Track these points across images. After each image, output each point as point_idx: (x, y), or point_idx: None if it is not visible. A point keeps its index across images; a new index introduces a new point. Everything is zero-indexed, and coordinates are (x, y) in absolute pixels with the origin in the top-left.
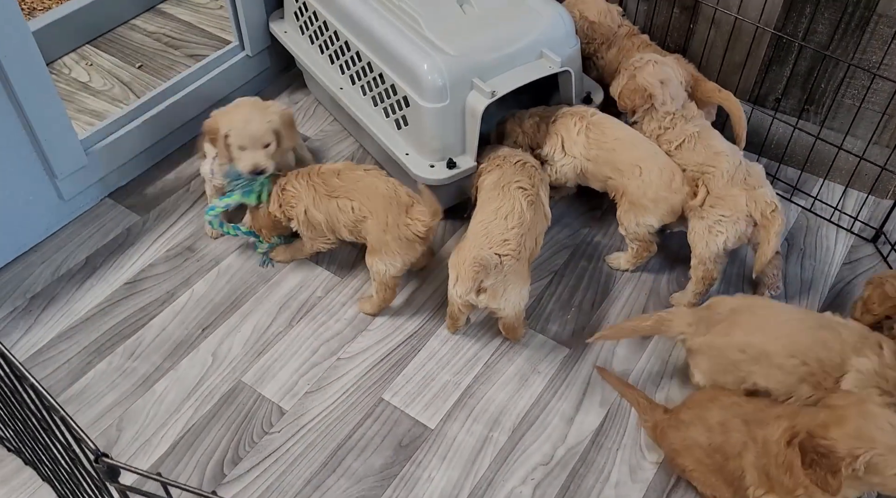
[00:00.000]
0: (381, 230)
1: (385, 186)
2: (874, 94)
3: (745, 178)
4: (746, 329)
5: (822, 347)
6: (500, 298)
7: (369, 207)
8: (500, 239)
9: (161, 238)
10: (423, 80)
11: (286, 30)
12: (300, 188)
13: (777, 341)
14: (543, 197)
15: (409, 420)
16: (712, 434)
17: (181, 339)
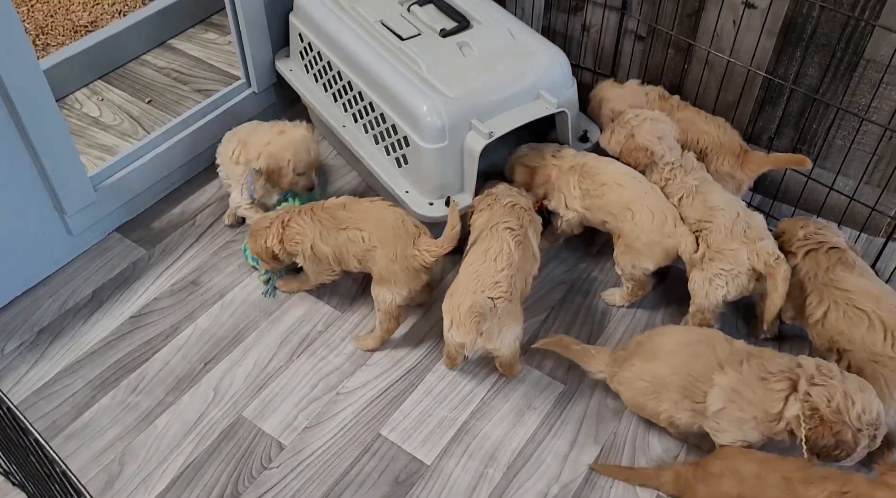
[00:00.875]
0: (389, 260)
1: (393, 217)
2: (864, 136)
3: (744, 231)
4: (644, 357)
5: (695, 360)
6: (496, 340)
7: (379, 237)
8: (491, 282)
9: (166, 272)
10: (422, 121)
11: (291, 68)
12: (304, 224)
13: (665, 363)
14: (532, 237)
15: (406, 456)
16: (745, 486)
17: (184, 373)
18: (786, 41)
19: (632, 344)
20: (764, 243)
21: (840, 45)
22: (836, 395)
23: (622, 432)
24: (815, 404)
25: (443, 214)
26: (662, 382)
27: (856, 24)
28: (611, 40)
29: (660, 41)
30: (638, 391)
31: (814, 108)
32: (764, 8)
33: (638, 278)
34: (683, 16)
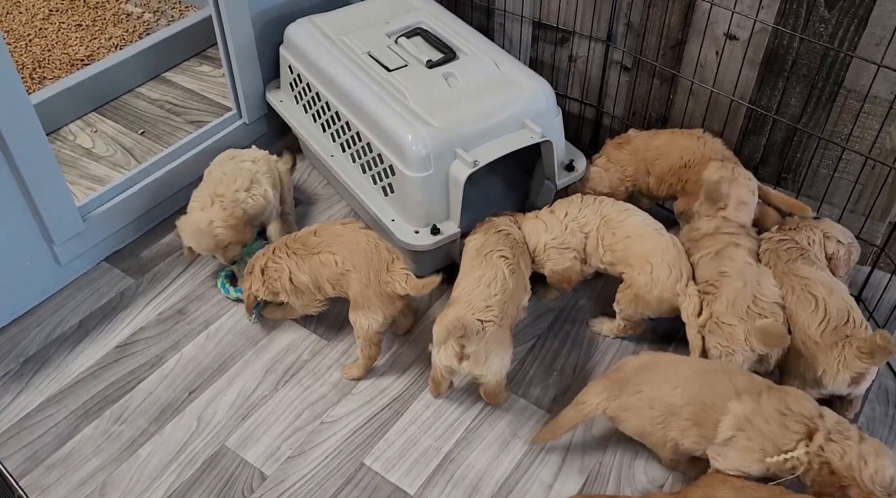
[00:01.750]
0: (363, 285)
1: (366, 241)
2: (847, 165)
3: (748, 306)
4: (652, 384)
5: (709, 389)
6: (483, 366)
7: (352, 261)
8: (482, 305)
9: (153, 301)
10: (407, 151)
11: (282, 99)
12: (280, 260)
13: (676, 391)
14: (523, 267)
15: (389, 486)
16: None
17: (167, 402)
18: (768, 72)
19: (628, 368)
20: (766, 323)
21: (820, 75)
22: (850, 453)
23: (607, 462)
24: (828, 459)
25: (429, 243)
26: (674, 411)
27: (835, 55)
28: (597, 71)
29: (645, 72)
30: (646, 419)
31: (797, 137)
32: (745, 39)
33: (636, 321)
34: (667, 47)
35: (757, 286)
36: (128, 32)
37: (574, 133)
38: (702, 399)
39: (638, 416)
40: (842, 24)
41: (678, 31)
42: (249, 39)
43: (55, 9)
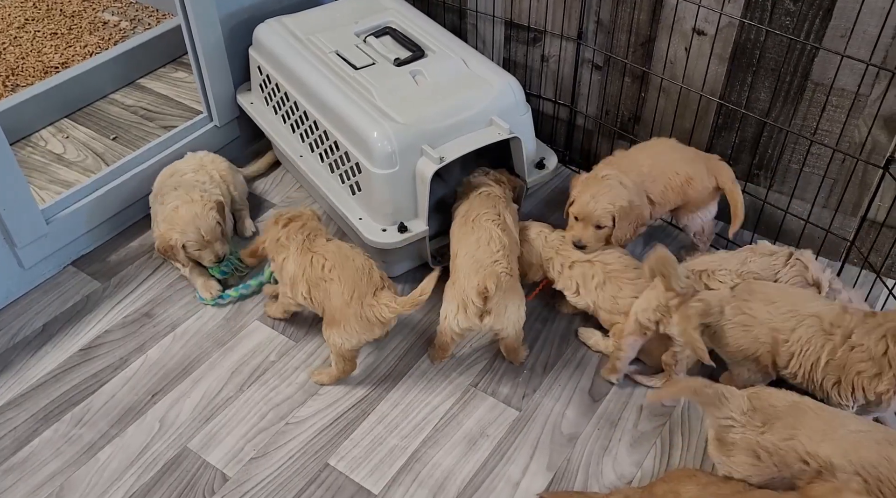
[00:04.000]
0: (344, 301)
1: (362, 261)
2: (818, 159)
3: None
4: (813, 435)
5: (886, 464)
6: (503, 318)
7: (339, 272)
8: (490, 262)
9: (120, 304)
10: (372, 148)
11: (252, 101)
12: (290, 242)
13: (845, 455)
14: (511, 223)
15: (354, 486)
16: None
17: (130, 405)
18: (736, 66)
19: (777, 402)
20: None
21: (787, 68)
22: None
23: (575, 459)
24: None
25: (396, 241)
26: (834, 474)
27: (801, 47)
28: (569, 70)
29: (616, 70)
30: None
31: (767, 132)
32: (713, 34)
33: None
34: (637, 44)
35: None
36: (103, 40)
37: (549, 134)
38: (878, 473)
39: (776, 461)
40: (807, 16)
41: (647, 28)
42: (218, 41)
43: (31, 17)
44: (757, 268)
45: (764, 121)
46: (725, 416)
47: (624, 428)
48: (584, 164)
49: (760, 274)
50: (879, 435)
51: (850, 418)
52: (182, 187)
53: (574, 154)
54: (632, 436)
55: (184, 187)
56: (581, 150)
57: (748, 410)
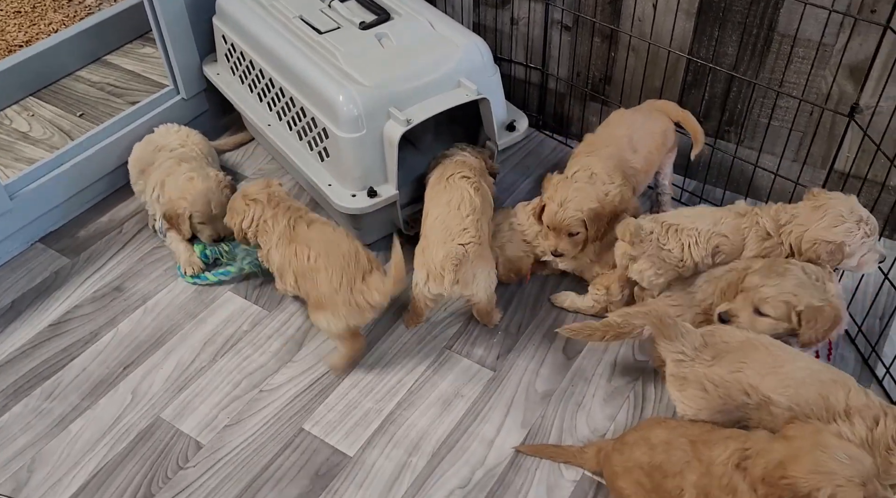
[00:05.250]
0: (331, 288)
1: (348, 246)
2: (786, 113)
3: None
4: (759, 370)
5: (824, 402)
6: (472, 285)
7: (325, 260)
8: (459, 229)
9: (89, 279)
10: (338, 111)
11: (219, 72)
12: (275, 226)
13: (786, 390)
14: (486, 185)
15: (329, 449)
16: (654, 453)
17: (101, 378)
18: (703, 21)
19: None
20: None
21: (753, 20)
22: None
23: (550, 415)
24: None
25: (366, 206)
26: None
27: None
28: (539, 32)
29: (585, 30)
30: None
31: (736, 87)
32: None
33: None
34: (605, 3)
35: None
36: (68, 17)
37: (521, 98)
38: (814, 410)
39: (722, 395)
40: None
41: None
42: (181, 11)
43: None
44: (728, 230)
45: (732, 75)
46: (678, 350)
47: (598, 384)
48: (557, 129)
49: (730, 238)
50: (826, 375)
51: (801, 357)
52: (194, 161)
53: (547, 118)
54: (605, 391)
55: (195, 161)
56: (554, 114)
57: (700, 345)
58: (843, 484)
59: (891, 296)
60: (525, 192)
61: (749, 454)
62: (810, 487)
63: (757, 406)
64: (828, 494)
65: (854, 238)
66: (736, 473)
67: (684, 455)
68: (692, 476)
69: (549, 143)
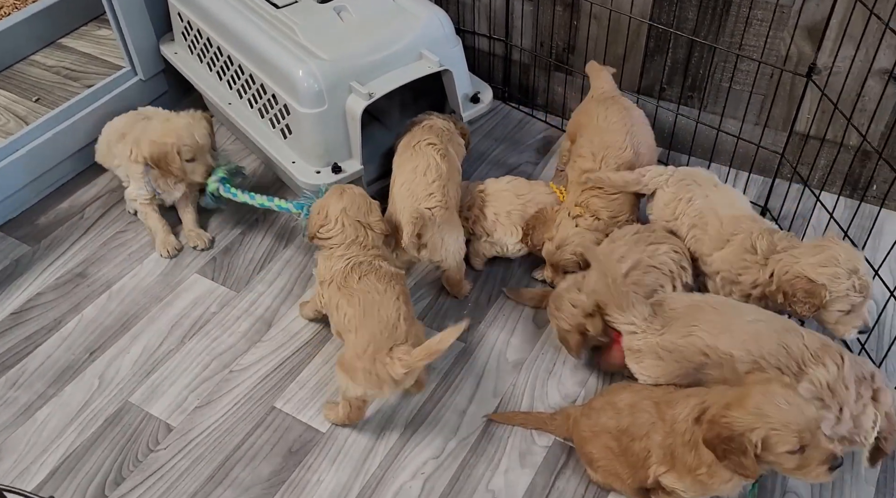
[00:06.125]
0: (355, 353)
1: (388, 312)
2: (747, 76)
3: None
4: (711, 329)
5: (785, 352)
6: (441, 249)
7: (358, 322)
8: (425, 194)
9: (51, 266)
10: (299, 87)
11: (176, 51)
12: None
13: (744, 345)
14: (453, 152)
15: (301, 426)
16: (621, 417)
17: (67, 365)
18: None
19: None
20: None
21: None
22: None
23: (521, 383)
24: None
25: (331, 182)
26: (733, 366)
27: None
28: (501, 3)
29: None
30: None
31: (698, 52)
32: None
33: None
34: None
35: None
36: (21, 0)
37: (486, 71)
38: (777, 360)
39: (678, 359)
40: None
41: None
42: None
43: None
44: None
45: (693, 39)
46: (629, 322)
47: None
48: (523, 100)
49: (719, 229)
50: (778, 324)
51: (748, 309)
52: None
53: (513, 90)
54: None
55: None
56: (519, 86)
57: (649, 316)
58: (779, 429)
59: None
60: (493, 164)
61: (707, 406)
62: (745, 427)
63: (717, 365)
64: (761, 435)
65: (838, 286)
66: (696, 427)
67: (650, 417)
68: (658, 437)
69: (515, 114)
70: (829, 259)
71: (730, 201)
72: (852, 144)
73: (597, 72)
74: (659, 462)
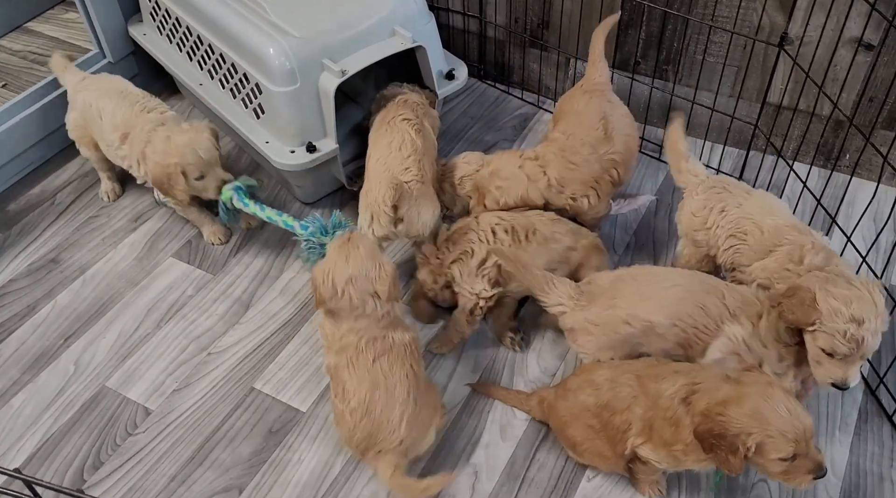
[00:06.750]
0: (347, 431)
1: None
2: (720, 48)
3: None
4: (631, 299)
5: (703, 313)
6: (418, 224)
7: (357, 405)
8: (401, 169)
9: (23, 253)
10: (270, 65)
11: (145, 32)
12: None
13: (662, 310)
14: (428, 126)
15: (281, 406)
16: (601, 392)
17: (42, 351)
18: None
19: (601, 281)
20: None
21: None
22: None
23: (500, 359)
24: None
25: (306, 161)
26: (655, 331)
27: None
28: None
29: None
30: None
31: (672, 24)
32: None
33: None
34: None
35: None
36: None
37: (461, 49)
38: (695, 322)
39: (607, 332)
40: None
41: None
42: None
43: None
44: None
45: (666, 11)
46: (556, 303)
47: (546, 326)
48: (499, 77)
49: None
50: (696, 286)
51: (668, 274)
52: (168, 121)
53: (488, 67)
54: (554, 332)
55: (170, 121)
56: (495, 63)
57: (575, 293)
58: (774, 435)
59: None
60: (470, 141)
61: (697, 389)
62: (742, 429)
63: (643, 332)
64: (756, 440)
65: (831, 322)
66: (682, 406)
67: (632, 390)
68: (639, 410)
69: (491, 92)
70: (844, 297)
71: (768, 209)
72: (825, 114)
73: (595, 61)
74: (637, 434)
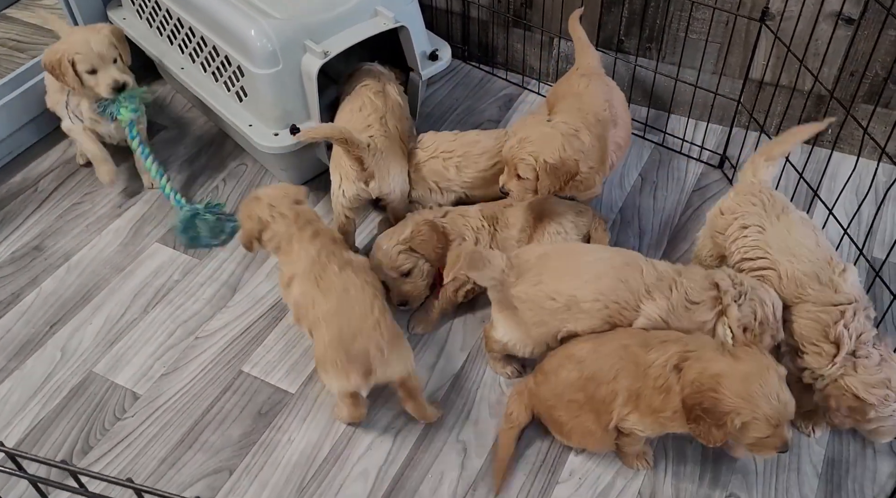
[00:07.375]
0: (323, 344)
1: (362, 305)
2: (703, 25)
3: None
4: (555, 275)
5: (623, 287)
6: (388, 180)
7: (327, 313)
8: (362, 126)
9: (6, 241)
10: (252, 47)
11: (125, 16)
12: (304, 253)
13: (585, 285)
14: (391, 90)
15: (270, 388)
16: (584, 366)
17: (27, 338)
18: None
19: (528, 256)
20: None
21: None
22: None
23: None
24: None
25: (290, 144)
26: (580, 307)
27: None
28: None
29: None
30: (548, 312)
31: (654, 2)
32: None
33: None
34: None
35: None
36: None
37: (445, 30)
38: (616, 297)
39: (534, 308)
40: None
41: None
42: None
43: None
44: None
45: None
46: (490, 277)
47: None
48: (483, 58)
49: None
50: (618, 260)
51: (591, 250)
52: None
53: (472, 48)
54: None
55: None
56: (479, 44)
57: (506, 268)
58: (759, 419)
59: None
60: (455, 123)
61: (689, 356)
62: (731, 408)
63: (567, 307)
64: (742, 421)
65: (885, 408)
66: (673, 373)
67: (618, 360)
68: (626, 380)
69: (475, 73)
70: (882, 381)
71: (787, 247)
72: (806, 89)
73: (584, 47)
74: (623, 403)
